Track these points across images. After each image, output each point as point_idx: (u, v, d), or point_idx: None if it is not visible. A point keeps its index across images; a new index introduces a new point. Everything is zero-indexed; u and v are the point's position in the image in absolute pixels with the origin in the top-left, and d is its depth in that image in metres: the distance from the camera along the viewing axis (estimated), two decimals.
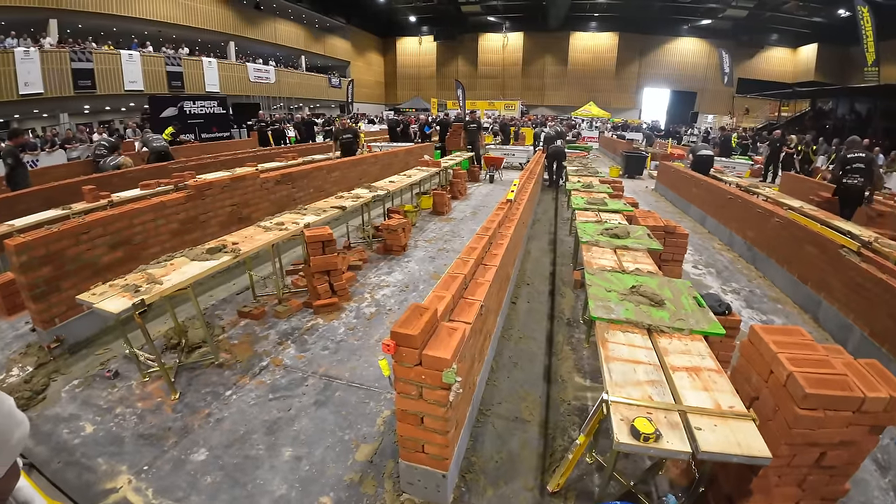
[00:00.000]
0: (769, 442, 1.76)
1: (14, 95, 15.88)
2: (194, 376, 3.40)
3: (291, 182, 6.78)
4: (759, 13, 30.52)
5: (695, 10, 32.47)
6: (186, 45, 23.68)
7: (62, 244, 3.81)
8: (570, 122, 29.19)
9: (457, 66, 41.19)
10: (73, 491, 2.41)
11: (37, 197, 6.29)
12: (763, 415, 1.94)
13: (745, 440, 1.75)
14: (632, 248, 3.99)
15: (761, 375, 2.04)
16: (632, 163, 14.52)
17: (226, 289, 5.00)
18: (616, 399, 1.96)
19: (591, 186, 7.06)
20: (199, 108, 16.94)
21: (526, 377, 3.42)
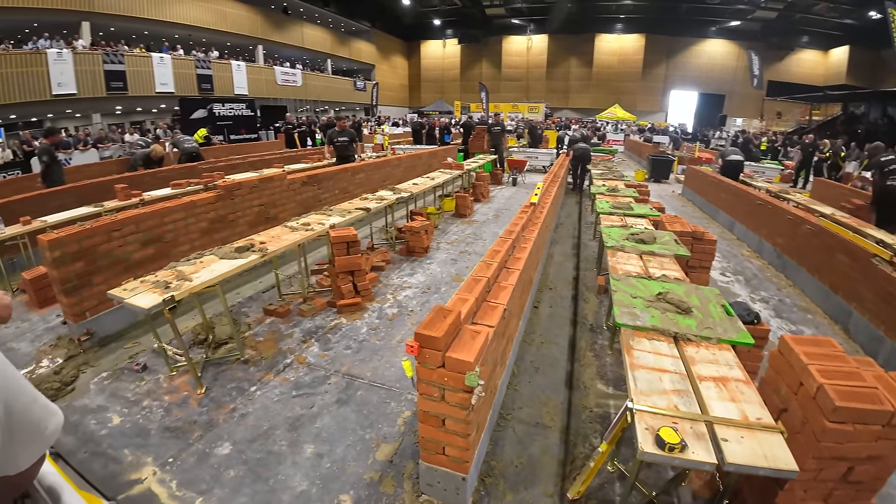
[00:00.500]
0: (796, 455, 1.71)
1: (47, 95, 16.49)
2: (220, 372, 3.48)
3: (317, 183, 6.88)
4: (789, 15, 29.70)
5: (723, 12, 31.77)
6: (216, 49, 24.32)
7: (94, 240, 3.94)
8: (594, 124, 28.88)
9: (480, 69, 41.23)
10: (99, 481, 2.47)
11: (70, 194, 6.53)
12: (791, 427, 1.89)
13: (772, 453, 1.70)
14: (658, 253, 3.92)
15: (790, 387, 1.99)
16: (658, 166, 14.26)
17: (252, 287, 5.11)
18: (641, 408, 1.93)
19: (616, 190, 6.96)
20: (228, 110, 17.36)
21: (547, 382, 3.39)
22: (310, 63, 32.58)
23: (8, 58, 15.24)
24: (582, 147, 11.36)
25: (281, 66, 28.13)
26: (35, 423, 0.65)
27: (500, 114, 17.75)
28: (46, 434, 0.67)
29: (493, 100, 35.37)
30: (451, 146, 14.76)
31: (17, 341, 4.00)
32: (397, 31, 40.81)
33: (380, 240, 6.79)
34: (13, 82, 15.45)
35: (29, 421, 0.64)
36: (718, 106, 31.94)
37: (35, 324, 4.33)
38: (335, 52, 33.77)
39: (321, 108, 32.21)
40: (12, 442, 0.61)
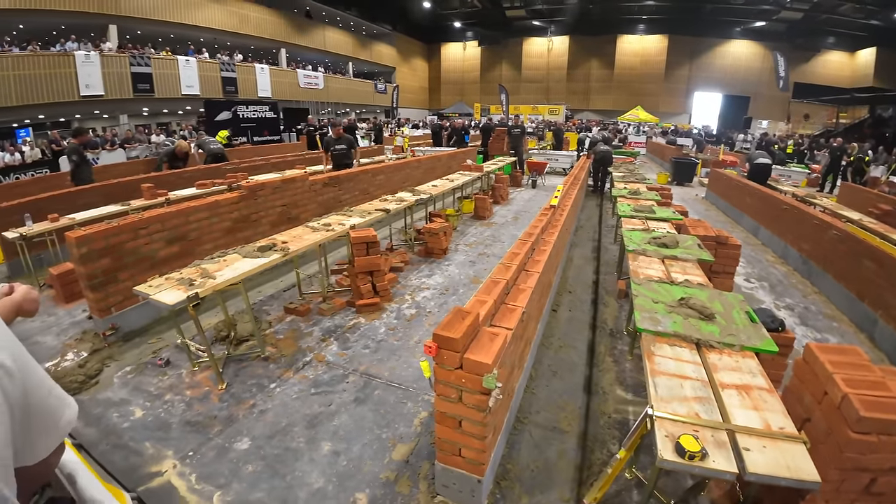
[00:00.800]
0: (819, 465, 1.67)
1: (75, 96, 17.00)
2: (241, 368, 3.54)
3: (338, 185, 6.96)
4: (815, 15, 28.91)
5: (748, 12, 31.09)
6: (240, 52, 24.82)
7: (121, 238, 4.05)
8: (615, 126, 28.53)
9: (500, 71, 41.14)
10: (120, 473, 2.51)
11: (97, 193, 6.72)
12: (814, 437, 1.85)
13: (795, 463, 1.67)
14: (681, 258, 3.85)
15: (815, 396, 1.95)
16: (681, 169, 14.02)
17: (273, 285, 5.19)
18: (661, 414, 1.90)
19: (638, 193, 6.87)
20: (252, 112, 17.67)
21: (565, 387, 3.37)
22: (331, 66, 32.99)
23: (36, 59, 15.74)
24: (603, 149, 11.25)
25: (303, 69, 28.56)
26: (51, 414, 0.67)
27: (519, 116, 17.68)
28: (62, 424, 0.69)
29: (513, 102, 35.21)
30: (470, 148, 14.75)
31: (43, 335, 4.14)
32: (418, 34, 41.05)
33: (399, 241, 6.83)
34: (41, 83, 15.95)
35: (45, 411, 0.66)
36: (743, 108, 31.19)
37: (61, 318, 4.47)
38: (356, 55, 34.14)
39: (342, 110, 32.59)
40: (30, 431, 0.63)
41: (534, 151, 16.36)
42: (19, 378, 0.59)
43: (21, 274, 5.55)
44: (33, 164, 12.72)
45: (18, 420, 0.58)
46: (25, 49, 15.75)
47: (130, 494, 0.88)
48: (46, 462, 0.69)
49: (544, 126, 28.03)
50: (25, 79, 15.50)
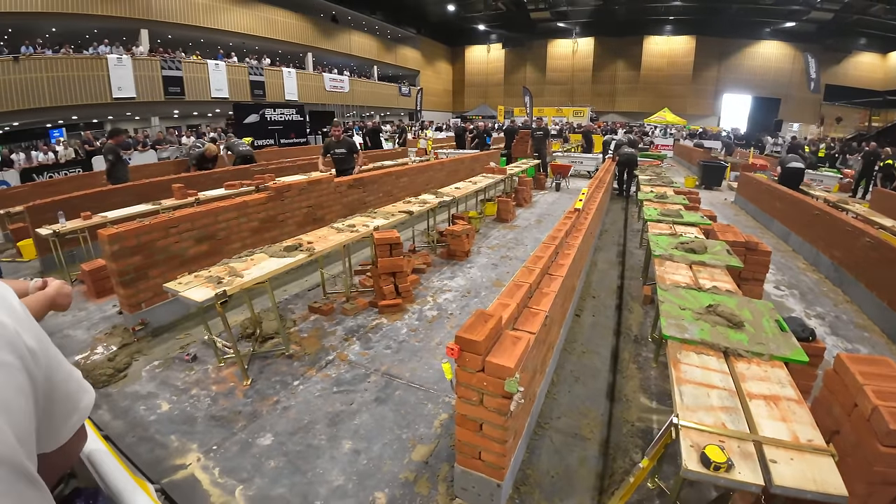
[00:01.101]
0: (846, 478, 1.62)
1: (108, 98, 17.63)
2: (266, 365, 3.61)
3: (362, 187, 7.04)
4: (846, 16, 27.86)
5: (776, 13, 30.19)
6: (268, 56, 25.36)
7: (152, 236, 4.18)
8: (642, 128, 28.05)
9: (525, 73, 40.95)
10: (145, 465, 2.59)
11: (129, 192, 6.96)
12: (842, 450, 1.79)
13: (822, 476, 1.62)
14: (709, 264, 3.76)
15: (844, 408, 1.89)
16: (709, 173, 13.68)
17: (298, 285, 5.28)
18: (687, 424, 1.86)
19: (664, 197, 6.73)
20: (279, 115, 18.02)
21: (588, 393, 3.32)
22: (357, 69, 33.40)
23: (69, 62, 16.36)
24: (628, 152, 11.07)
25: (329, 72, 29.01)
26: (71, 397, 0.69)
27: (543, 118, 17.55)
28: (81, 408, 0.71)
29: (538, 104, 35.05)
30: (493, 150, 14.72)
31: (73, 329, 4.30)
32: (442, 37, 41.22)
33: (421, 243, 6.86)
34: (74, 85, 16.56)
35: (66, 395, 0.68)
36: (774, 110, 30.18)
37: (92, 313, 4.63)
38: (381, 58, 34.49)
39: (367, 113, 32.95)
40: (52, 415, 0.65)
41: (558, 154, 16.21)
42: (43, 361, 0.61)
43: (53, 269, 5.79)
44: (67, 164, 13.27)
45: (41, 402, 0.60)
46: (58, 52, 16.38)
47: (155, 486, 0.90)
48: (69, 447, 0.71)
49: (569, 128, 27.80)
50: (58, 80, 16.13)
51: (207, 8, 21.37)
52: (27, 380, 0.56)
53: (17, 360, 0.56)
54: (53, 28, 17.64)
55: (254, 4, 23.70)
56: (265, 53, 25.46)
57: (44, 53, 15.88)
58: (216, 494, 2.41)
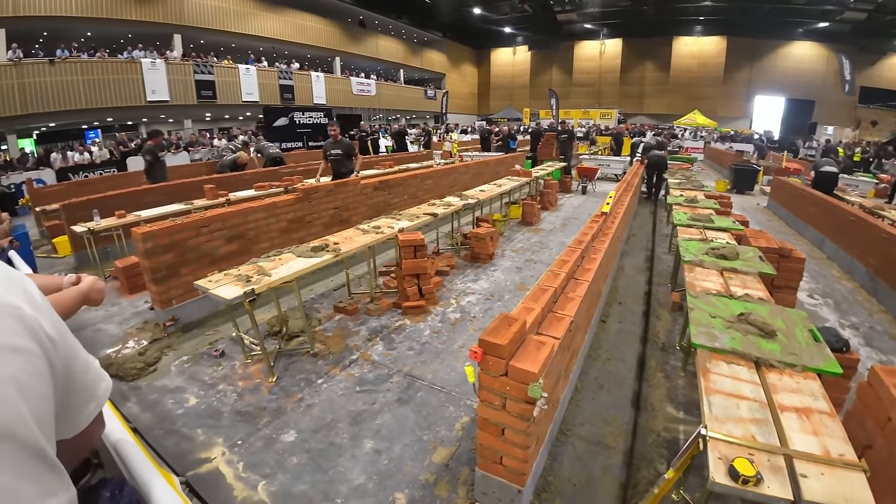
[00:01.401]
0: (877, 495, 1.56)
1: (142, 101, 18.31)
2: (291, 363, 3.67)
3: (388, 189, 7.11)
4: (880, 16, 26.61)
5: (809, 13, 29.12)
6: (297, 61, 25.89)
7: (184, 235, 4.31)
8: (671, 130, 27.45)
9: (551, 75, 40.64)
10: (171, 457, 2.66)
11: (163, 192, 7.20)
12: (874, 464, 1.72)
13: (852, 492, 1.56)
14: (741, 270, 3.65)
15: (877, 422, 1.82)
16: (741, 177, 13.28)
17: (324, 284, 5.36)
18: (715, 435, 1.81)
19: (695, 201, 6.57)
20: (308, 118, 18.32)
21: (612, 401, 3.26)
22: (383, 73, 33.77)
23: (104, 65, 17.03)
24: (658, 154, 10.86)
25: (356, 76, 29.41)
26: (89, 384, 0.71)
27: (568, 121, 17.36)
28: (98, 395, 0.73)
29: (564, 106, 34.74)
30: (518, 153, 14.64)
31: (106, 323, 4.46)
32: (468, 40, 41.31)
33: (445, 245, 6.88)
34: (110, 88, 17.21)
35: (84, 383, 0.70)
36: (807, 113, 29.03)
37: (124, 308, 4.79)
38: (407, 62, 34.79)
39: (393, 116, 33.25)
40: (71, 402, 0.67)
41: (584, 157, 16.01)
42: (62, 350, 0.63)
43: (88, 265, 6.02)
44: (102, 164, 13.79)
45: (60, 389, 0.62)
46: (94, 55, 17.02)
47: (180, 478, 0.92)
48: (87, 434, 0.73)
49: (596, 130, 27.43)
50: (94, 83, 16.79)
51: (239, 14, 21.99)
52: (47, 366, 0.58)
53: (38, 347, 0.57)
54: (88, 32, 18.33)
55: (284, 10, 24.25)
56: (294, 58, 26.00)
57: (79, 57, 16.54)
58: (239, 489, 2.45)
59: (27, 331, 0.57)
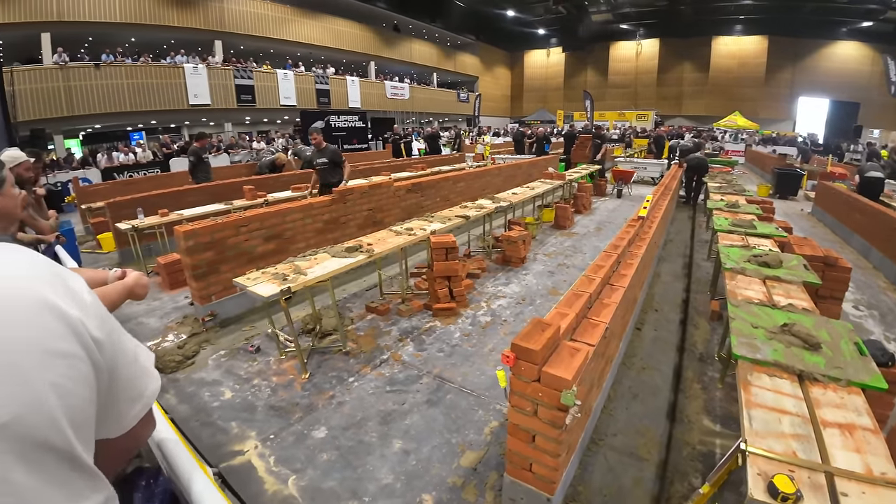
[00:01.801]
0: None
1: (185, 105, 19.04)
2: (323, 360, 3.74)
3: (420, 191, 7.16)
4: None
5: (852, 12, 27.60)
6: (332, 66, 26.47)
7: (224, 234, 4.46)
8: (710, 132, 26.55)
9: (585, 77, 40.04)
10: (205, 448, 2.75)
11: (204, 192, 7.48)
12: None
13: None
14: (784, 279, 3.50)
15: None
16: (784, 181, 12.71)
17: (357, 284, 5.45)
18: (755, 450, 1.75)
19: (736, 206, 6.34)
20: (343, 121, 18.72)
21: (646, 411, 3.18)
22: (416, 77, 34.07)
23: (148, 70, 17.80)
24: (697, 157, 10.54)
25: (390, 80, 29.80)
26: (136, 385, 0.70)
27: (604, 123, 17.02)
28: (147, 394, 0.72)
29: (599, 108, 34.12)
30: (551, 156, 14.49)
31: (147, 317, 4.66)
32: (501, 43, 41.18)
33: (477, 248, 6.87)
34: (153, 92, 17.96)
35: (131, 383, 0.69)
36: (853, 115, 27.42)
37: (165, 303, 5.00)
38: (441, 65, 35.00)
39: (426, 119, 33.49)
40: (117, 402, 0.67)
41: (620, 159, 15.69)
42: (109, 352, 0.62)
43: (131, 261, 6.30)
44: (146, 165, 14.44)
45: (104, 391, 0.62)
46: (138, 60, 17.82)
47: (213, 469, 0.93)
48: (134, 433, 0.72)
49: (632, 132, 26.84)
50: (138, 87, 17.54)
51: (278, 20, 22.66)
52: (91, 369, 0.58)
53: (82, 349, 0.57)
54: (132, 38, 19.20)
55: (321, 16, 24.83)
56: (330, 63, 26.58)
57: (124, 61, 17.35)
58: (270, 482, 2.50)
59: (72, 334, 0.56)
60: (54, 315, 0.55)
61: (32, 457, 0.49)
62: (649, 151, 18.82)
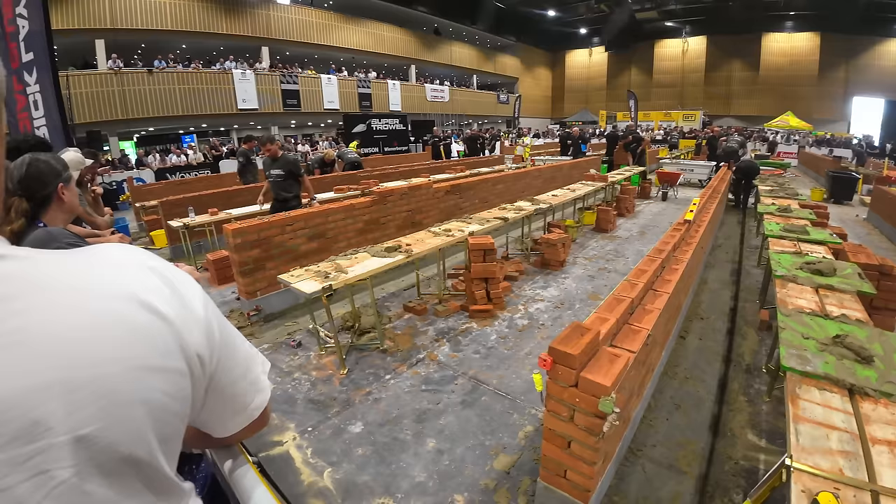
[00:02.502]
0: None
1: (233, 109, 19.84)
2: (362, 357, 3.83)
3: (459, 193, 7.20)
4: None
5: None
6: (374, 70, 26.95)
7: (271, 232, 4.65)
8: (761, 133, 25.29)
9: (629, 76, 38.99)
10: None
11: (252, 192, 7.76)
12: None
13: None
14: (838, 288, 3.31)
15: None
16: (839, 185, 11.95)
17: (396, 284, 5.54)
18: (800, 467, 1.67)
19: (788, 211, 6.03)
20: (384, 124, 19.06)
21: (688, 423, 3.08)
22: (456, 79, 34.16)
23: (198, 76, 18.65)
24: (747, 160, 10.09)
25: (430, 83, 30.05)
26: (240, 398, 0.71)
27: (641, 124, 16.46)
28: (250, 408, 0.73)
29: (644, 108, 33.22)
30: (592, 158, 14.20)
31: None
32: (542, 43, 40.71)
33: (515, 250, 6.84)
34: (204, 96, 18.81)
35: (233, 397, 0.69)
36: None
37: (213, 297, 5.11)
38: (481, 67, 34.97)
39: (465, 121, 33.54)
40: (219, 412, 0.69)
41: (665, 161, 15.20)
42: (210, 368, 0.61)
43: (181, 257, 6.63)
44: (197, 166, 15.17)
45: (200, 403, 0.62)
46: (188, 66, 18.71)
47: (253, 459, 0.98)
48: (238, 436, 0.78)
49: (679, 133, 25.94)
50: (189, 92, 18.42)
51: (322, 27, 23.32)
52: (189, 385, 0.56)
53: (185, 364, 0.56)
54: (183, 45, 20.17)
55: (363, 21, 25.36)
56: (372, 67, 27.11)
57: (175, 68, 18.28)
58: (306, 473, 2.57)
59: (173, 349, 0.54)
60: (159, 327, 0.53)
61: (113, 469, 0.48)
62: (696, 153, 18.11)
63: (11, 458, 0.42)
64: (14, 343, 0.44)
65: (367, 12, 25.26)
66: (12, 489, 0.42)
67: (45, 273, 0.49)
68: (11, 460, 0.42)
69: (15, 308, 0.45)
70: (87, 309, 0.49)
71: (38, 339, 0.45)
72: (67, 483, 0.45)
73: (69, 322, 0.47)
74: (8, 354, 0.44)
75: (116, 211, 9.35)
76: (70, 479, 0.45)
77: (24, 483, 0.43)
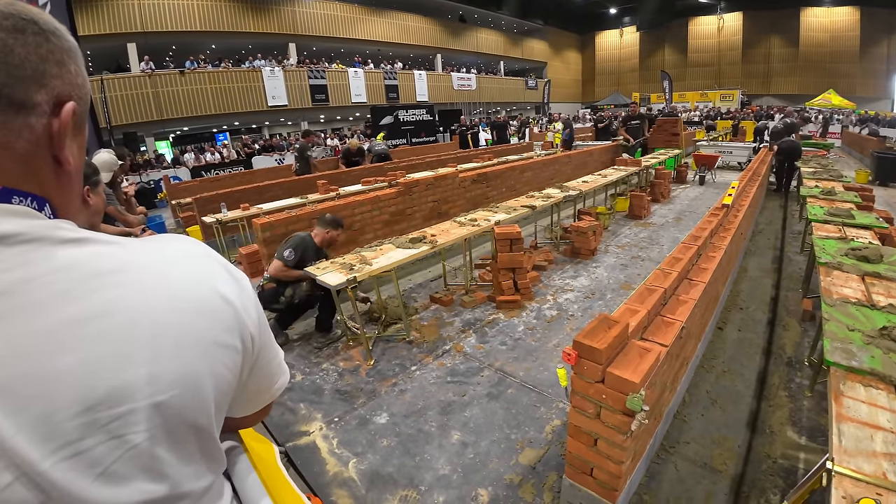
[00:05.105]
0: None
1: (264, 106, 20.22)
2: (388, 348, 3.85)
3: (486, 181, 7.13)
4: None
5: None
6: (400, 61, 26.91)
7: (299, 226, 4.74)
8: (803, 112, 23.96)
9: (662, 56, 37.54)
10: (274, 427, 2.93)
11: (281, 187, 7.97)
12: None
13: None
14: (885, 276, 3.08)
15: None
16: (885, 166, 11.21)
17: (422, 275, 5.54)
18: (842, 470, 1.56)
19: (832, 193, 5.69)
20: (411, 115, 19.01)
21: (725, 419, 2.95)
22: (483, 66, 33.73)
23: (228, 74, 19.05)
24: (789, 141, 9.57)
25: (457, 72, 29.80)
26: (270, 378, 0.76)
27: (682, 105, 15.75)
28: (275, 388, 0.78)
29: (679, 88, 32.03)
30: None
31: None
32: (570, 26, 39.62)
33: (543, 239, 6.72)
34: (235, 95, 19.22)
35: (267, 375, 0.74)
36: None
37: None
38: (508, 53, 34.37)
39: (493, 109, 33.14)
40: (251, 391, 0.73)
41: (702, 143, 14.60)
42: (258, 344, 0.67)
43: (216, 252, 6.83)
44: (230, 163, 15.59)
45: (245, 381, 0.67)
46: (219, 66, 19.13)
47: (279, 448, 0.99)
48: (255, 417, 0.82)
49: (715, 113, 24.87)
50: (220, 91, 18.86)
51: (347, 20, 23.45)
52: (241, 361, 0.62)
53: (241, 343, 0.61)
54: (213, 45, 20.61)
55: (388, 12, 25.32)
56: (398, 58, 27.07)
57: (206, 67, 18.72)
58: (332, 463, 2.60)
59: (236, 327, 0.61)
60: (225, 308, 0.60)
61: (180, 435, 0.54)
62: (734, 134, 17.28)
63: (93, 422, 0.46)
64: (107, 312, 0.49)
65: (392, 3, 25.18)
66: (90, 451, 0.46)
67: (133, 255, 0.55)
68: (93, 423, 0.46)
69: (112, 281, 0.51)
70: (169, 288, 0.55)
71: (128, 311, 0.50)
72: (140, 447, 0.49)
73: (154, 300, 0.53)
74: (102, 322, 0.49)
75: (154, 209, 9.72)
76: (142, 443, 0.49)
77: (100, 446, 0.47)
